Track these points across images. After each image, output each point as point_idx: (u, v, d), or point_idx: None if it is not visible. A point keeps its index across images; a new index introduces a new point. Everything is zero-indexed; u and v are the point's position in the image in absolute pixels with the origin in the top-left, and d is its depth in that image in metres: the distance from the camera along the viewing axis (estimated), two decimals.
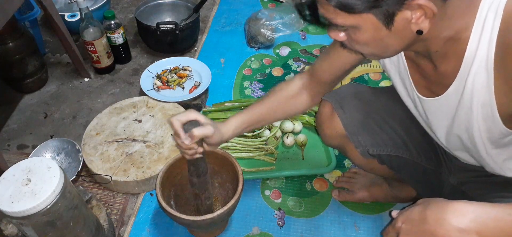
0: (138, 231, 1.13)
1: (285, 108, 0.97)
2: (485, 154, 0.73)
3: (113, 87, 1.59)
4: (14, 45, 1.41)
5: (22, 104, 1.52)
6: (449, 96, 0.69)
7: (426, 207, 0.58)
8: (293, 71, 1.64)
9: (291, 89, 0.96)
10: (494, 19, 0.57)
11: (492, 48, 0.58)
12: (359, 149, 0.91)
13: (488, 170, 0.79)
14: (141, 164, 1.19)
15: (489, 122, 0.66)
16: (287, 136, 1.33)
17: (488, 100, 0.63)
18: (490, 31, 0.58)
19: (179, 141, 0.84)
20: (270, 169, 1.26)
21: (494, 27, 0.58)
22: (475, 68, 0.61)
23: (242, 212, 1.15)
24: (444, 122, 0.75)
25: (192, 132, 0.82)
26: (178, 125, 0.83)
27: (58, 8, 1.66)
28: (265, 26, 1.72)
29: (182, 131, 0.83)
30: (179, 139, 0.83)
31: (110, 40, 1.58)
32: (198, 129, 0.82)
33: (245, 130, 0.95)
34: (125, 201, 1.19)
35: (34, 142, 1.37)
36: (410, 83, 0.77)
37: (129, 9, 2.03)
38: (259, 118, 0.95)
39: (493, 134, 0.68)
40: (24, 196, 0.75)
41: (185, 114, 0.84)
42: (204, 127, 0.83)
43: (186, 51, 1.74)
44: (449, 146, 0.81)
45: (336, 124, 0.92)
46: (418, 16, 0.56)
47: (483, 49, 0.59)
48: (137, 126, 1.31)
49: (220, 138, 0.89)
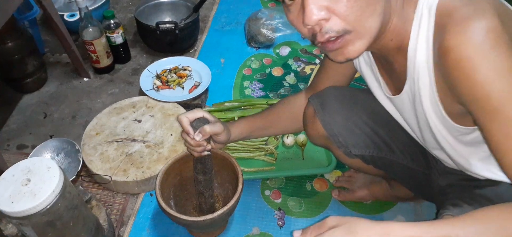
0: (138, 231, 1.12)
1: (292, 118, 1.01)
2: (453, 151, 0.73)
3: (113, 87, 1.58)
4: (13, 45, 1.41)
5: (21, 104, 1.52)
6: (406, 94, 0.69)
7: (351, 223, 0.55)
8: (293, 71, 1.64)
9: (298, 102, 1.00)
10: (429, 17, 0.57)
11: (429, 47, 0.58)
12: (342, 149, 0.93)
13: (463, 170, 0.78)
14: (140, 164, 1.19)
15: (441, 120, 0.66)
16: (287, 136, 1.33)
17: (433, 99, 0.63)
18: (426, 29, 0.58)
19: (188, 138, 0.85)
20: (270, 169, 1.25)
21: (429, 26, 0.58)
22: (418, 67, 0.62)
23: (242, 212, 1.15)
24: (412, 119, 0.75)
25: (204, 128, 0.83)
26: (187, 123, 0.84)
27: (57, 7, 1.66)
28: (265, 25, 1.72)
29: (191, 128, 0.84)
30: (189, 136, 0.84)
31: (109, 40, 1.58)
32: (210, 126, 0.84)
33: (251, 134, 0.98)
34: (125, 201, 1.19)
35: (34, 142, 1.36)
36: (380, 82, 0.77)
37: (129, 9, 2.03)
38: (268, 124, 0.99)
39: (451, 131, 0.68)
40: (23, 196, 0.75)
41: (192, 112, 0.85)
42: (214, 124, 0.85)
43: (186, 51, 1.74)
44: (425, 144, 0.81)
45: (317, 125, 0.93)
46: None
47: (421, 47, 0.60)
48: (137, 126, 1.31)
49: (228, 136, 0.91)
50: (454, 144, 0.71)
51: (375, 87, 0.81)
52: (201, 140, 0.84)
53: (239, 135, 0.95)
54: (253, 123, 0.98)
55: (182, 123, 0.84)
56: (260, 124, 0.99)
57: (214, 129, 0.85)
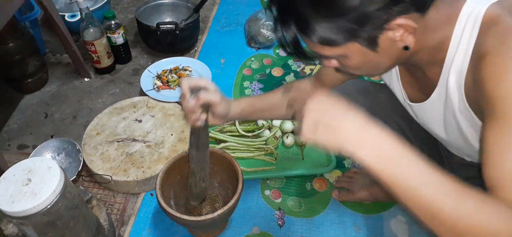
0: (138, 231, 1.13)
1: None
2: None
3: (113, 87, 1.59)
4: (14, 45, 1.41)
5: (22, 104, 1.52)
6: (433, 101, 0.71)
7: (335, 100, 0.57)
8: (293, 71, 1.64)
9: (301, 87, 0.99)
10: (472, 28, 0.59)
11: (467, 57, 0.60)
12: None
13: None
14: (141, 164, 1.19)
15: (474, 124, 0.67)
16: (287, 136, 1.33)
17: (463, 105, 0.65)
18: (467, 39, 0.60)
19: (184, 102, 0.82)
20: (270, 169, 1.26)
21: (471, 36, 0.59)
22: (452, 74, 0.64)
23: (242, 212, 1.15)
24: (437, 125, 0.76)
25: (199, 93, 0.80)
26: (187, 86, 0.81)
27: (58, 8, 1.66)
28: (265, 26, 1.72)
29: (188, 92, 0.81)
30: (184, 100, 0.82)
31: (110, 40, 1.58)
32: (205, 92, 0.81)
33: (251, 115, 0.95)
34: (125, 201, 1.19)
35: (35, 141, 1.37)
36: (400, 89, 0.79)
37: (129, 9, 2.03)
38: (269, 107, 0.96)
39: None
40: (24, 196, 0.76)
41: (196, 79, 0.83)
42: (212, 93, 0.82)
43: (186, 51, 1.75)
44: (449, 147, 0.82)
45: None
46: (401, 34, 0.58)
47: (459, 56, 0.62)
48: (137, 126, 1.31)
49: (227, 110, 0.88)
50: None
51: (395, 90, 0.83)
52: (195, 105, 0.81)
53: (240, 112, 0.92)
54: (254, 103, 0.95)
55: (182, 86, 0.82)
56: (262, 106, 0.96)
57: (210, 96, 0.81)
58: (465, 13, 0.60)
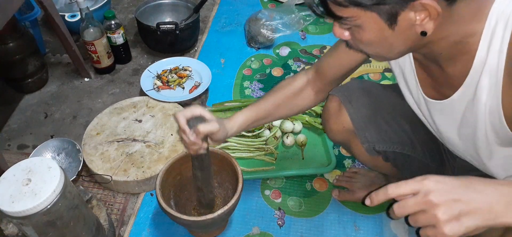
0: (138, 231, 1.13)
1: (290, 104, 0.96)
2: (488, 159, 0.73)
3: (113, 87, 1.59)
4: (14, 45, 1.41)
5: (22, 104, 1.52)
6: (455, 100, 0.69)
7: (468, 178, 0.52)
8: (293, 71, 1.64)
9: (296, 85, 0.95)
10: (504, 30, 0.57)
11: (502, 58, 0.58)
12: (365, 145, 0.91)
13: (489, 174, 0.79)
14: (141, 164, 1.19)
15: (497, 128, 0.66)
16: (287, 136, 1.33)
17: (495, 107, 0.63)
18: (500, 41, 0.58)
19: (184, 136, 0.84)
20: (270, 169, 1.26)
21: (504, 38, 0.58)
22: (485, 76, 0.61)
23: (242, 212, 1.16)
24: (450, 125, 0.75)
25: (197, 128, 0.82)
26: (183, 121, 0.82)
27: (58, 8, 1.66)
28: (265, 26, 1.72)
29: (187, 127, 0.83)
30: (184, 134, 0.83)
31: (110, 40, 1.58)
32: (204, 125, 0.82)
33: (250, 126, 0.95)
34: (125, 201, 1.19)
35: (35, 141, 1.37)
36: (416, 83, 0.76)
37: (129, 9, 2.03)
38: (264, 114, 0.95)
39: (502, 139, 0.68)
40: (24, 196, 0.76)
41: (190, 110, 0.84)
42: (209, 124, 0.83)
43: (186, 51, 1.75)
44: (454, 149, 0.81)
45: (343, 119, 0.91)
46: (422, 18, 0.56)
47: (493, 58, 0.59)
48: (137, 126, 1.31)
49: (225, 134, 0.89)
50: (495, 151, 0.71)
51: (403, 86, 0.81)
52: (196, 140, 0.83)
53: (237, 130, 0.93)
54: (249, 116, 0.94)
55: (179, 121, 0.83)
56: (258, 116, 0.95)
57: (208, 128, 0.83)
58: (496, 11, 0.58)
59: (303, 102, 0.96)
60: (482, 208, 0.49)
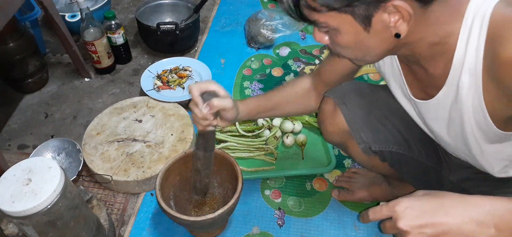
0: (138, 231, 1.13)
1: (298, 102, 0.99)
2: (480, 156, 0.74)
3: (114, 87, 1.59)
4: (14, 46, 1.41)
5: (22, 105, 1.52)
6: (440, 100, 0.70)
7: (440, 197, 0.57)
8: (293, 71, 1.64)
9: (303, 86, 0.99)
10: (481, 27, 0.58)
11: (480, 56, 0.59)
12: (361, 145, 0.91)
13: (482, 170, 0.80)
14: (141, 163, 1.20)
15: (483, 126, 0.66)
16: (287, 136, 1.33)
17: (478, 105, 0.64)
18: (477, 39, 0.59)
19: (196, 109, 0.83)
20: (270, 169, 1.26)
21: (481, 35, 0.58)
22: (465, 74, 0.62)
23: (242, 212, 1.16)
24: (440, 124, 0.75)
25: (211, 101, 0.81)
26: (197, 93, 0.82)
27: (58, 8, 1.66)
28: (265, 26, 1.72)
29: (200, 100, 0.82)
30: (197, 107, 0.82)
31: (110, 40, 1.58)
32: (218, 100, 0.82)
33: (259, 114, 0.97)
34: (125, 201, 1.19)
35: (35, 141, 1.37)
36: (404, 85, 0.78)
37: (130, 10, 2.04)
38: (274, 106, 0.97)
39: (488, 136, 0.68)
40: (24, 196, 0.76)
41: (205, 83, 0.83)
42: (223, 99, 0.83)
43: (186, 52, 1.75)
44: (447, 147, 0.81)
45: (338, 120, 0.92)
46: (396, 20, 0.57)
47: (471, 56, 0.60)
48: (138, 126, 1.31)
49: (236, 114, 0.89)
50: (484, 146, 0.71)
51: (396, 88, 0.82)
52: (208, 113, 0.82)
53: (247, 114, 0.93)
54: (260, 103, 0.96)
55: (193, 93, 0.82)
56: (267, 106, 0.97)
57: (223, 103, 0.82)
58: (472, 11, 0.59)
59: (310, 102, 0.99)
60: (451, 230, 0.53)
